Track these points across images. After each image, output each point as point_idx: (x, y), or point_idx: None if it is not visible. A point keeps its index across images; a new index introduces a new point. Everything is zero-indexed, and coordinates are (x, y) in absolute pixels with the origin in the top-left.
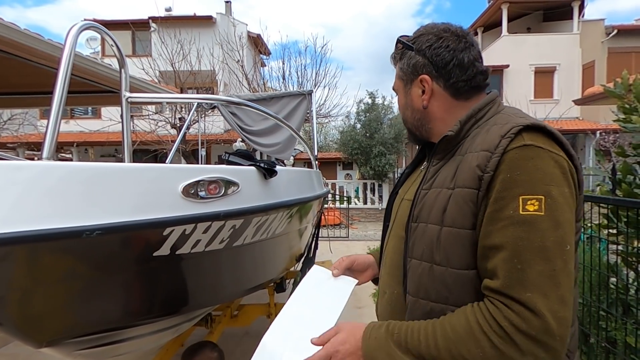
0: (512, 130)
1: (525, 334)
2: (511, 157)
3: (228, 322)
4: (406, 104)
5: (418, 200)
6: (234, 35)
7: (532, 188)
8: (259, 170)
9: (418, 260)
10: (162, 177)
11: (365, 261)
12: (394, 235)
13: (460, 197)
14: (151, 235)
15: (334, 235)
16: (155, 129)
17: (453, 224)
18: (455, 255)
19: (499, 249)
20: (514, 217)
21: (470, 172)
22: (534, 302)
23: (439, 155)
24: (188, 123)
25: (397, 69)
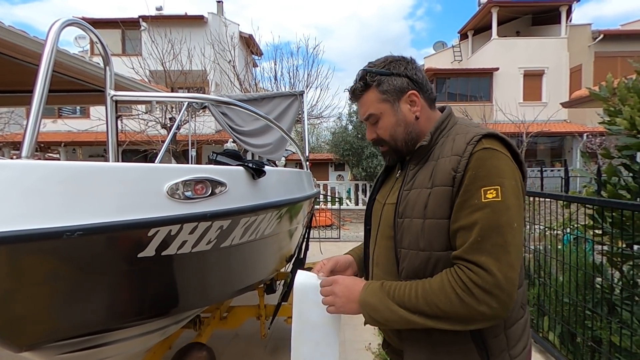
0: (475, 138)
1: (481, 288)
2: (475, 158)
3: (217, 324)
4: (398, 121)
5: (402, 200)
6: (225, 35)
7: (490, 180)
8: (247, 171)
9: (406, 249)
10: (147, 177)
11: (346, 261)
12: (382, 237)
13: (439, 193)
14: (135, 236)
15: (326, 236)
16: (145, 129)
17: (434, 216)
18: (436, 240)
19: (466, 228)
20: (477, 204)
21: (446, 174)
22: (488, 264)
23: (415, 161)
24: (178, 123)
25: (377, 94)
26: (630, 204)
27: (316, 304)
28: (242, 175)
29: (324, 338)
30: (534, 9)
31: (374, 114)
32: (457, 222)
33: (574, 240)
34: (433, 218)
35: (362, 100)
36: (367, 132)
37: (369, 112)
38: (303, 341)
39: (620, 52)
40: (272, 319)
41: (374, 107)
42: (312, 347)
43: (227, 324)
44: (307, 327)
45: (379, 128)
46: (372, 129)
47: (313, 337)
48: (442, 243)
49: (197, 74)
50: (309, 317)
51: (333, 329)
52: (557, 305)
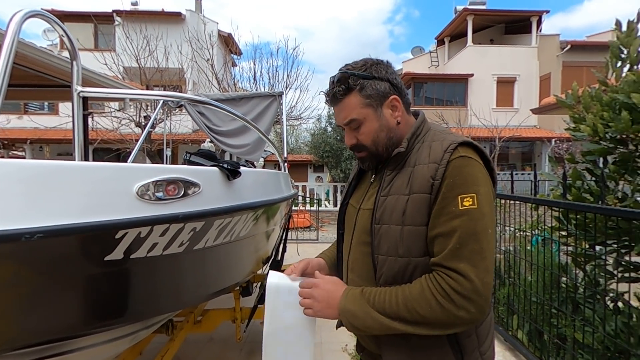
0: (451, 145)
1: (459, 294)
2: (452, 166)
3: (191, 328)
4: (381, 126)
5: (378, 206)
6: (204, 33)
7: (465, 188)
8: (221, 171)
9: (384, 255)
10: (115, 176)
11: (318, 264)
12: (358, 243)
13: (417, 201)
14: (101, 239)
15: (304, 237)
16: (118, 127)
17: (413, 223)
18: (415, 247)
19: (444, 236)
20: (455, 212)
21: (424, 181)
22: (466, 271)
23: (391, 166)
24: (152, 122)
25: (360, 98)
26: (592, 207)
27: (290, 304)
28: (216, 176)
29: (298, 339)
30: (506, 18)
31: (356, 119)
32: (435, 229)
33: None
34: (412, 225)
35: (343, 105)
36: (347, 137)
37: (350, 117)
38: (276, 342)
39: (585, 62)
40: (248, 322)
41: (357, 112)
42: (285, 348)
43: (201, 327)
44: (280, 328)
45: (360, 133)
46: (352, 134)
47: (287, 338)
48: (421, 249)
49: (174, 72)
50: (282, 318)
51: (308, 330)
52: (525, 304)
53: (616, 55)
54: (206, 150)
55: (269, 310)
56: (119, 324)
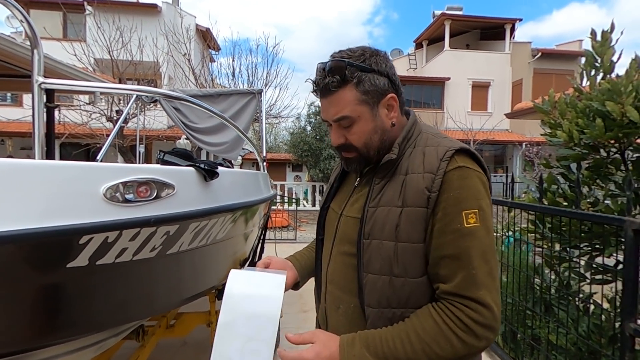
0: (447, 154)
1: (482, 325)
2: (451, 178)
3: (163, 333)
4: (375, 128)
5: (367, 218)
6: (180, 26)
7: (469, 204)
8: (198, 172)
9: (376, 274)
10: (80, 177)
11: (283, 266)
12: (338, 252)
13: (413, 215)
14: (62, 245)
15: (282, 237)
16: (87, 121)
17: (409, 240)
18: (412, 266)
19: (452, 258)
20: (461, 230)
21: (419, 193)
22: (485, 298)
23: (380, 174)
24: (125, 117)
25: (356, 93)
26: (567, 211)
27: (251, 292)
28: (192, 177)
29: (258, 332)
30: (482, 24)
31: (349, 117)
32: (439, 250)
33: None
34: (408, 242)
35: (335, 98)
36: (333, 135)
37: (342, 114)
38: (231, 335)
39: (555, 70)
40: None
41: (350, 108)
42: (242, 342)
43: (174, 332)
44: (238, 318)
45: (351, 133)
46: (340, 132)
47: (244, 331)
48: (418, 269)
49: (149, 66)
50: (241, 306)
51: (270, 322)
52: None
53: (591, 64)
54: (182, 149)
55: (226, 298)
56: (83, 335)
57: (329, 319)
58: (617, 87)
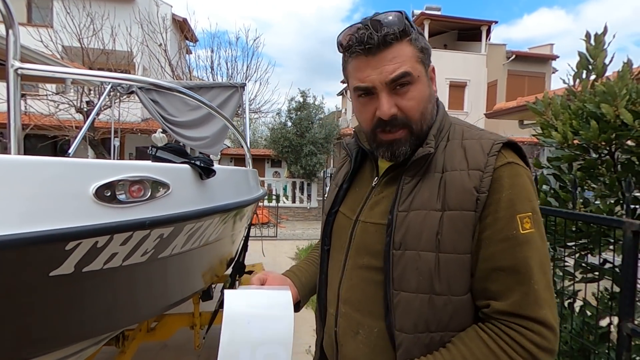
0: (494, 147)
1: (546, 350)
2: (501, 176)
3: (144, 337)
4: (430, 96)
5: (398, 224)
6: (156, 15)
7: (523, 206)
8: (193, 169)
9: (412, 292)
10: (67, 175)
11: (281, 283)
12: (355, 266)
13: (459, 220)
14: (46, 252)
15: (262, 234)
16: (55, 112)
17: (454, 250)
18: (457, 282)
19: (508, 271)
20: (517, 238)
21: (466, 194)
22: (548, 318)
23: (411, 172)
24: (99, 108)
25: (414, 50)
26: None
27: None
28: (187, 175)
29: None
30: (459, 25)
31: (410, 74)
32: (491, 261)
33: None
34: (453, 252)
35: (392, 52)
36: (385, 103)
37: (404, 69)
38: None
39: (528, 72)
40: (208, 327)
41: (411, 65)
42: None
43: (155, 335)
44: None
45: (408, 98)
46: (392, 99)
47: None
48: (463, 284)
49: (122, 55)
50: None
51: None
52: None
53: (584, 66)
54: (175, 144)
55: (226, 324)
56: (62, 347)
57: (344, 347)
58: (612, 89)
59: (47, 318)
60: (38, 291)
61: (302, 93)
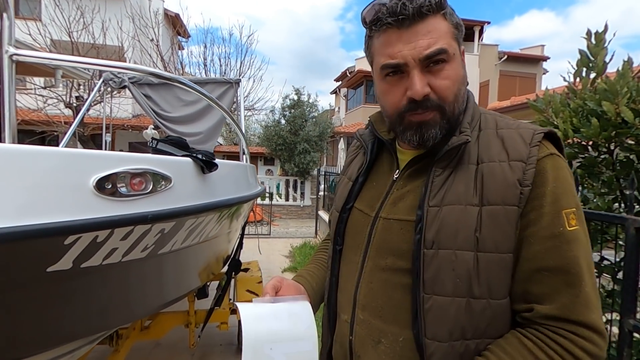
0: (535, 137)
1: (597, 357)
2: (544, 168)
3: (138, 336)
4: (465, 76)
5: (429, 221)
6: (148, 10)
7: (567, 201)
8: (195, 163)
9: (447, 296)
10: (66, 166)
11: (296, 291)
12: (377, 268)
13: (502, 216)
14: (44, 246)
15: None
16: (43, 107)
17: (496, 249)
18: (498, 284)
19: (556, 271)
20: (564, 235)
21: (508, 187)
22: (597, 322)
23: (442, 163)
24: (90, 103)
25: (449, 25)
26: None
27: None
28: (189, 168)
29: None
30: None
31: (446, 51)
32: (535, 261)
33: None
34: (494, 252)
35: (427, 26)
36: (418, 81)
37: (439, 46)
38: None
39: (519, 72)
40: (203, 325)
41: (447, 41)
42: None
43: (149, 334)
44: None
45: (443, 77)
46: (425, 78)
47: None
48: (504, 287)
49: (113, 50)
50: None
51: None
52: None
53: (585, 64)
54: (176, 137)
55: (247, 346)
56: (56, 346)
57: (362, 358)
58: (614, 87)
59: (42, 316)
60: (34, 288)
61: (296, 91)
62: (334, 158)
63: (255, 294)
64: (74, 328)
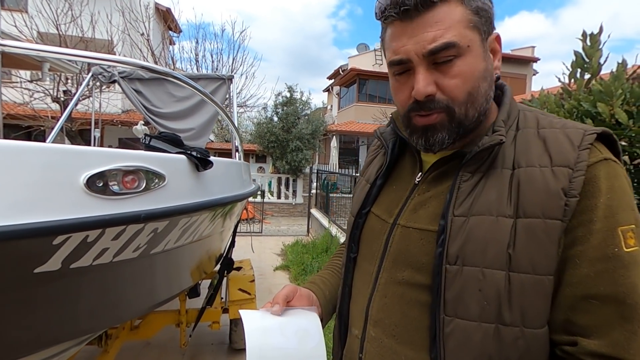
0: (586, 139)
1: None
2: (596, 176)
3: (127, 335)
4: (486, 71)
5: (453, 232)
6: (138, 4)
7: (625, 216)
8: (190, 160)
9: (472, 321)
10: (56, 162)
11: (308, 295)
12: (392, 281)
13: (541, 231)
14: (32, 247)
15: (247, 230)
16: (30, 101)
17: (534, 270)
18: (534, 311)
19: (606, 300)
20: (620, 257)
21: (550, 197)
22: None
23: (472, 166)
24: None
25: (466, 12)
26: None
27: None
28: (184, 166)
29: None
30: None
31: (455, 45)
32: (582, 286)
33: None
34: (531, 273)
35: (434, 16)
36: (422, 79)
37: (446, 40)
38: None
39: (509, 73)
40: (195, 325)
41: (458, 32)
42: None
43: (139, 334)
44: None
45: (452, 75)
46: (431, 76)
47: None
48: (542, 315)
49: (102, 44)
50: None
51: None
52: None
53: (580, 65)
54: (170, 133)
55: None
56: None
57: None
58: (609, 88)
59: (28, 319)
60: (20, 290)
61: (289, 88)
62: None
63: (248, 293)
64: (62, 330)
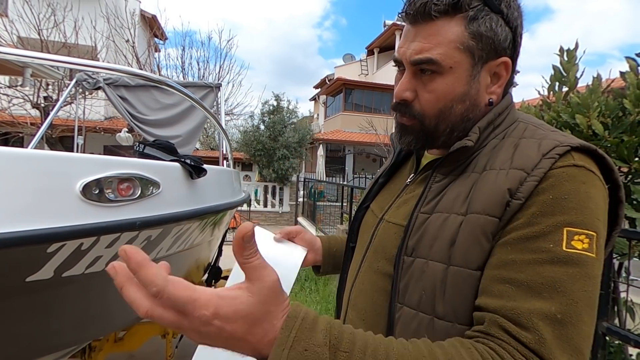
0: (557, 149)
1: None
2: (558, 178)
3: (112, 348)
4: (465, 95)
5: (415, 227)
6: (124, 10)
7: (582, 220)
8: (184, 168)
9: (413, 309)
10: (51, 169)
11: (311, 240)
12: (370, 269)
13: (478, 226)
14: (25, 255)
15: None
16: (8, 107)
17: (466, 264)
18: (465, 306)
19: (521, 287)
20: (554, 253)
21: (494, 195)
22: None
23: (445, 168)
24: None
25: (463, 32)
26: None
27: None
28: (178, 174)
29: None
30: None
31: (435, 62)
32: (506, 269)
33: None
34: (464, 267)
35: (429, 29)
36: (401, 83)
37: (428, 55)
38: None
39: None
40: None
41: (444, 51)
42: None
43: (124, 346)
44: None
45: (428, 89)
46: (412, 82)
47: None
48: (473, 310)
49: (85, 50)
50: None
51: None
52: None
53: (558, 78)
54: (164, 141)
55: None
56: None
57: None
58: (586, 101)
59: (16, 329)
60: (10, 298)
61: (276, 97)
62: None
63: None
64: (49, 341)
